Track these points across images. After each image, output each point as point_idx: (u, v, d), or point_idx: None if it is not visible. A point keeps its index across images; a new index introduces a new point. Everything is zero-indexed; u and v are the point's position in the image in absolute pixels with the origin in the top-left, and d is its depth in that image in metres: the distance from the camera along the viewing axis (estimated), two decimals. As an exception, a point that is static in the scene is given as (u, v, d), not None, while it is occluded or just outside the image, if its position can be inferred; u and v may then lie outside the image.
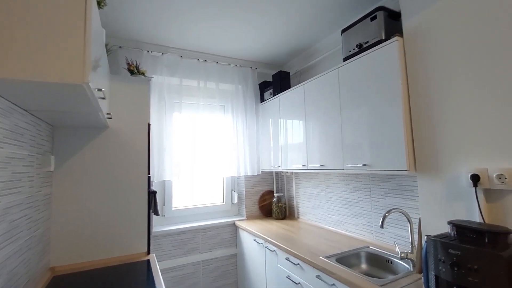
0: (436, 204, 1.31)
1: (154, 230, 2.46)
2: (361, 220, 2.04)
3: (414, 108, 1.43)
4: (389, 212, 1.54)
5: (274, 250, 2.10)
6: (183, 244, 2.56)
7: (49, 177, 1.60)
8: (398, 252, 1.55)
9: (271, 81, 2.96)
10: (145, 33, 2.27)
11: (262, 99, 2.98)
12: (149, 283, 1.41)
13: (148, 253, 1.88)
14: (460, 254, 0.90)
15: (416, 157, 1.42)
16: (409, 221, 1.56)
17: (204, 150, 2.68)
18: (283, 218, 2.85)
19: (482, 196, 1.11)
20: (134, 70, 2.10)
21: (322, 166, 2.03)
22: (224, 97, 2.83)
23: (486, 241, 0.90)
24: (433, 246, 1.00)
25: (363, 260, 1.78)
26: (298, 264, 1.80)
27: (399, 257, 1.53)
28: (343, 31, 1.83)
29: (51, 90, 0.93)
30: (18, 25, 0.82)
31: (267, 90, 2.86)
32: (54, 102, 1.09)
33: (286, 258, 1.94)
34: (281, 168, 2.58)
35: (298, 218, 2.80)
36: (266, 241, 2.19)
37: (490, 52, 1.12)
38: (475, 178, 1.11)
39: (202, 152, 2.67)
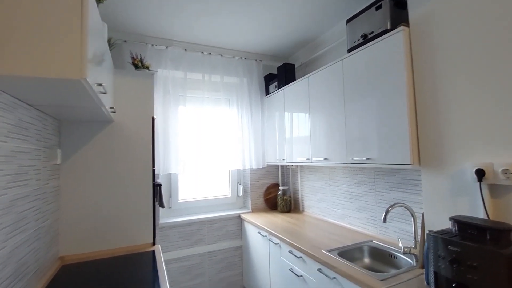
0: (440, 199, 1.28)
1: (161, 221, 2.51)
2: (365, 214, 2.02)
3: (420, 100, 1.38)
4: (392, 206, 1.52)
5: (278, 243, 2.11)
6: (190, 235, 2.61)
7: (56, 170, 1.64)
8: (401, 247, 1.53)
9: (276, 73, 2.93)
10: (149, 26, 2.27)
11: (267, 92, 2.96)
12: (153, 274, 1.45)
13: (153, 244, 1.92)
14: (459, 250, 0.88)
15: (420, 151, 1.38)
16: (412, 215, 1.53)
17: (209, 143, 2.70)
18: (288, 211, 2.86)
19: (486, 191, 1.07)
20: (138, 64, 2.11)
21: (326, 159, 2.01)
22: (229, 90, 2.82)
23: (488, 238, 0.87)
24: (433, 242, 0.99)
25: (366, 254, 1.77)
26: (301, 257, 1.81)
27: (402, 252, 1.52)
28: (348, 21, 1.78)
29: (51, 85, 0.94)
30: (16, 22, 0.83)
31: (272, 83, 2.83)
32: (55, 97, 1.12)
33: (289, 251, 1.95)
34: (285, 161, 2.57)
35: (303, 211, 2.80)
36: (270, 234, 2.20)
37: (499, 43, 1.07)
38: (480, 173, 1.07)
39: (207, 145, 2.68)
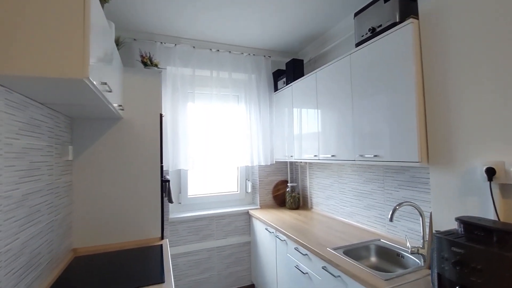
0: (448, 198, 1.23)
1: (171, 216, 2.57)
2: (373, 212, 1.98)
3: (429, 96, 1.33)
4: (399, 205, 1.48)
5: (284, 240, 2.11)
6: (198, 230, 2.66)
7: (69, 165, 1.71)
8: (409, 246, 1.49)
9: (285, 69, 2.90)
10: (157, 24, 2.30)
11: (276, 88, 2.94)
12: (160, 267, 1.49)
13: (161, 238, 1.97)
14: (463, 252, 0.84)
15: (429, 148, 1.33)
16: (421, 215, 1.49)
17: (217, 139, 2.72)
18: (297, 208, 2.85)
19: (497, 191, 1.02)
20: (147, 62, 2.15)
21: (334, 156, 1.98)
22: (237, 86, 2.82)
23: (495, 240, 0.83)
24: (437, 243, 0.95)
25: (373, 253, 1.73)
26: (306, 254, 1.80)
27: (410, 251, 1.48)
28: (356, 15, 1.73)
29: (55, 84, 0.98)
30: (19, 22, 0.87)
31: (281, 79, 2.81)
32: (63, 96, 1.16)
33: (295, 248, 1.94)
34: (293, 158, 2.56)
35: (311, 208, 2.78)
36: (277, 230, 2.21)
37: (513, 32, 1.01)
38: (490, 172, 1.02)
39: (216, 141, 2.71)
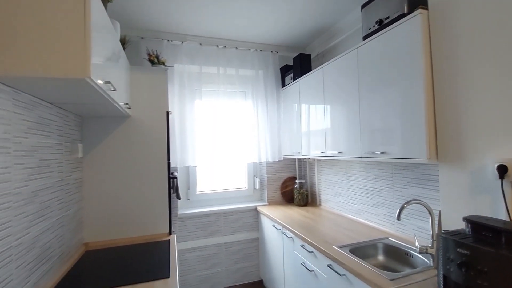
0: (458, 196, 1.18)
1: (179, 212, 2.61)
2: (382, 210, 1.94)
3: (438, 90, 1.28)
4: (407, 203, 1.43)
5: (291, 237, 2.10)
6: (207, 226, 2.69)
7: (79, 163, 1.76)
8: (417, 245, 1.45)
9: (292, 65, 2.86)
10: (164, 22, 2.31)
11: (284, 84, 2.90)
12: (165, 262, 1.51)
13: (169, 233, 2.01)
14: (469, 254, 0.81)
15: (438, 144, 1.28)
16: (430, 213, 1.44)
17: (225, 136, 2.73)
18: (305, 204, 2.83)
19: (509, 189, 0.97)
20: (154, 60, 2.18)
21: (341, 153, 1.94)
22: (244, 83, 2.81)
23: (503, 241, 0.79)
24: (443, 243, 0.92)
25: (381, 251, 1.70)
26: (312, 252, 1.79)
27: (418, 251, 1.43)
28: (363, 7, 1.68)
29: (59, 84, 1.00)
30: (20, 24, 0.89)
31: (288, 75, 2.77)
32: (69, 95, 1.19)
33: (301, 245, 1.93)
34: (301, 154, 2.53)
35: (320, 205, 2.75)
36: (284, 227, 2.20)
37: (529, 21, 0.94)
38: (502, 169, 0.97)
39: (223, 138, 2.72)
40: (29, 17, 0.90)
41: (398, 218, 1.40)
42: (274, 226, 2.44)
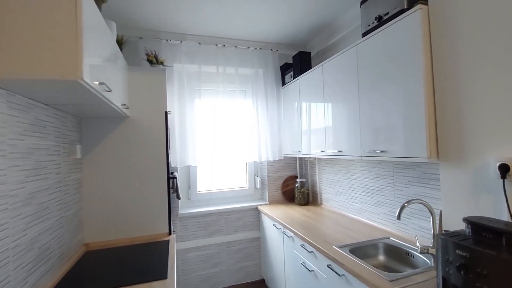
0: (459, 196, 1.16)
1: (180, 212, 2.61)
2: (383, 209, 1.92)
3: (439, 87, 1.25)
4: (408, 202, 1.41)
5: (291, 236, 2.09)
6: (208, 225, 2.68)
7: (78, 164, 1.77)
8: (418, 245, 1.42)
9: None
10: (162, 22, 2.30)
11: (284, 82, 2.88)
12: (164, 263, 1.51)
13: (169, 233, 2.01)
14: (468, 256, 0.79)
15: (438, 143, 1.25)
16: (431, 213, 1.41)
17: (225, 135, 2.72)
18: (306, 203, 2.81)
19: (511, 189, 0.94)
20: (153, 60, 2.17)
21: (340, 152, 1.92)
22: (244, 82, 2.79)
23: (504, 243, 0.77)
24: (442, 245, 0.90)
25: (381, 251, 1.68)
26: (312, 251, 1.78)
27: (419, 251, 1.41)
28: (362, 3, 1.65)
29: (53, 86, 1.00)
30: (11, 26, 0.88)
31: (288, 73, 2.75)
32: (64, 96, 1.18)
33: (302, 245, 1.92)
34: (301, 153, 2.51)
35: (321, 204, 2.73)
36: (284, 227, 2.19)
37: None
38: (504, 169, 0.95)
39: (224, 137, 2.71)
40: (19, 19, 0.89)
41: (398, 218, 1.37)
42: (274, 225, 2.42)
